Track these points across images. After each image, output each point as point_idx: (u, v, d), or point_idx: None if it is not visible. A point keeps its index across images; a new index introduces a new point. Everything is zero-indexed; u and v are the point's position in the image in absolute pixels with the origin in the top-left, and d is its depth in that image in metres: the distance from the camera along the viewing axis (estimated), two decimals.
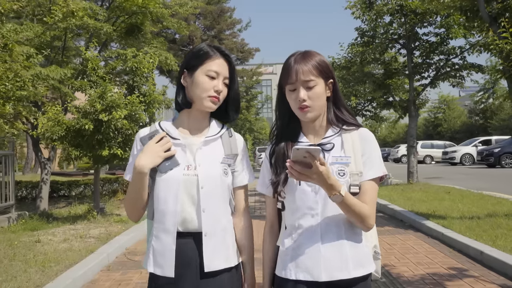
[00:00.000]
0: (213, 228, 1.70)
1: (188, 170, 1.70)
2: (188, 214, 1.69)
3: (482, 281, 4.72)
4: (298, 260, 1.63)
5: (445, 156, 30.62)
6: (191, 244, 1.69)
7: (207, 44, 1.80)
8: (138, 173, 1.65)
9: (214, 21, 24.84)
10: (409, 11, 11.61)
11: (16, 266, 5.09)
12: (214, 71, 1.71)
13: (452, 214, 7.83)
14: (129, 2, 9.89)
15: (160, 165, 1.69)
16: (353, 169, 1.62)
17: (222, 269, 1.71)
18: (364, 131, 1.70)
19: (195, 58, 1.74)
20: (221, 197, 1.75)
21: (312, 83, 1.62)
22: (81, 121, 7.25)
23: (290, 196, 1.67)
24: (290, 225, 1.70)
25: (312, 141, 1.71)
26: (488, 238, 5.95)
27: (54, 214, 9.16)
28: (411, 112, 12.67)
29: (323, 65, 1.65)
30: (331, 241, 1.60)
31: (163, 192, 1.69)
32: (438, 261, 5.53)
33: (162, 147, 1.68)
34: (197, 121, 1.79)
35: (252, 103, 36.13)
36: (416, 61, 12.82)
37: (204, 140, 1.76)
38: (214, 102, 1.72)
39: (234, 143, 1.83)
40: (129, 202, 1.75)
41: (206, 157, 1.74)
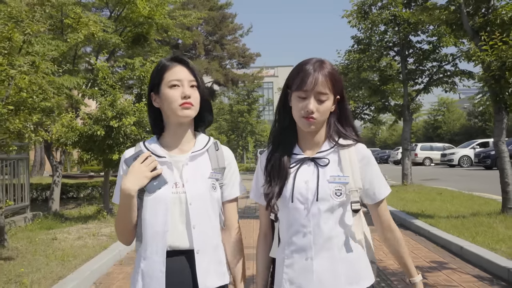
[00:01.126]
0: (205, 245, 1.68)
1: (176, 188, 1.67)
2: (179, 233, 1.65)
3: (459, 272, 5.24)
4: (291, 277, 1.63)
5: (444, 158, 31.01)
6: (183, 263, 1.66)
7: (164, 58, 1.79)
8: (125, 196, 1.62)
9: (216, 26, 25.43)
10: (402, 20, 12.16)
11: (39, 260, 5.63)
12: (176, 80, 1.68)
13: (440, 214, 8.35)
14: (135, 13, 10.45)
15: (148, 185, 1.66)
16: (352, 186, 1.60)
17: (217, 287, 1.69)
18: (361, 148, 1.67)
19: (155, 76, 1.73)
20: (211, 213, 1.72)
21: (324, 97, 1.58)
22: (93, 127, 7.80)
23: (283, 212, 1.66)
24: (283, 240, 1.69)
25: (306, 154, 1.68)
26: (469, 235, 6.47)
27: (65, 215, 9.69)
28: (405, 116, 13.20)
29: (338, 80, 1.62)
30: (323, 258, 1.59)
31: (150, 213, 1.66)
32: (422, 256, 6.05)
33: (147, 167, 1.65)
34: (180, 136, 1.76)
35: (254, 106, 36.70)
36: (410, 68, 13.36)
37: (190, 156, 1.73)
38: (187, 108, 1.68)
39: (221, 156, 1.80)
40: (119, 225, 1.71)
41: (193, 173, 1.71)
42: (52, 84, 5.86)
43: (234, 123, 36.60)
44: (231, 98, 37.87)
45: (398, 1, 12.15)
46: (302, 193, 1.60)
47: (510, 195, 7.42)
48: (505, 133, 7.50)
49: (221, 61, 26.61)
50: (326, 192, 1.58)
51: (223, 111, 38.29)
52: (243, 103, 35.89)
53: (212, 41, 25.71)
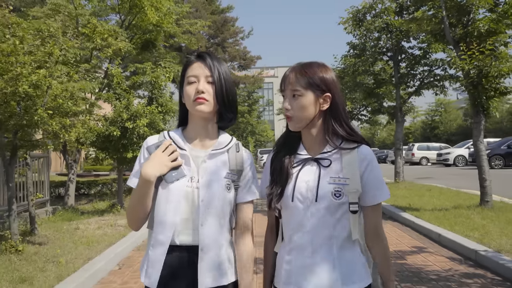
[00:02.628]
0: (210, 243, 1.66)
1: (191, 183, 1.68)
2: (186, 228, 1.66)
3: (435, 255, 6.03)
4: (290, 274, 1.66)
5: (440, 157, 31.64)
6: (186, 258, 1.66)
7: (187, 56, 1.99)
8: (144, 181, 1.62)
9: (218, 30, 26.18)
10: (394, 28, 12.94)
11: (68, 245, 6.41)
12: (192, 76, 1.71)
13: (426, 207, 9.14)
14: (145, 22, 11.23)
15: (166, 174, 1.66)
16: (351, 188, 1.61)
17: (217, 286, 1.67)
18: (364, 150, 1.68)
19: (181, 74, 1.78)
20: (221, 212, 1.70)
21: (297, 93, 1.62)
22: (110, 128, 8.58)
23: (285, 210, 1.69)
24: (285, 237, 1.73)
25: (310, 154, 1.70)
26: (447, 224, 7.25)
27: (80, 209, 10.47)
28: (397, 117, 13.98)
29: (314, 77, 1.63)
30: (321, 257, 1.62)
31: (163, 203, 1.67)
32: (405, 242, 6.84)
33: (169, 156, 1.67)
34: (201, 131, 1.77)
35: (254, 107, 37.47)
36: (402, 72, 14.14)
37: (210, 153, 1.73)
38: (201, 103, 1.68)
39: (241, 158, 1.79)
40: (131, 209, 1.72)
41: (209, 171, 1.71)
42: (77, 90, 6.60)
43: (235, 123, 37.37)
44: None
45: (391, 10, 12.96)
46: (302, 193, 1.63)
47: (487, 189, 8.20)
48: (482, 133, 8.29)
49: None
50: (325, 193, 1.60)
51: None
52: (244, 104, 36.68)
53: (214, 44, 26.52)
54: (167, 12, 11.03)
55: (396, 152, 14.17)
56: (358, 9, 13.42)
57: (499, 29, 7.64)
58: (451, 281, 4.86)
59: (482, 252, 5.56)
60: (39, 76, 4.76)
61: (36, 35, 5.49)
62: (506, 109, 41.47)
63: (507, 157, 25.04)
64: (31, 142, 5.69)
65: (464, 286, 4.67)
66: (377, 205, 1.69)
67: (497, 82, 7.65)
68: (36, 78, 4.72)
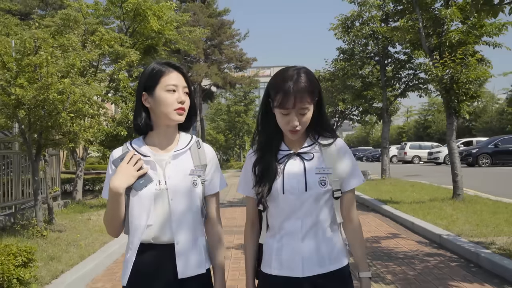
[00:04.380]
0: (185, 237, 1.77)
1: (159, 185, 1.77)
2: (161, 227, 1.75)
3: (406, 239, 6.91)
4: (281, 259, 1.78)
5: (430, 156, 32.48)
6: (165, 254, 1.76)
7: (157, 62, 1.86)
8: (114, 193, 1.71)
9: (215, 32, 27.02)
10: (380, 34, 13.83)
11: (84, 232, 7.25)
12: (173, 85, 1.77)
13: (405, 200, 10.02)
14: (147, 29, 12.06)
15: (135, 183, 1.75)
16: (334, 177, 1.78)
17: (194, 275, 1.79)
18: (339, 143, 1.84)
19: (150, 78, 1.79)
20: (191, 207, 1.80)
21: (306, 110, 1.72)
22: (118, 128, 9.42)
23: (274, 202, 1.80)
24: (273, 226, 1.83)
25: (292, 149, 1.83)
26: (421, 214, 8.13)
27: (87, 203, 11.29)
28: (384, 118, 14.87)
29: (315, 90, 1.75)
30: (310, 241, 1.76)
31: (136, 208, 1.76)
32: (382, 230, 7.72)
33: (134, 166, 1.75)
34: (167, 136, 1.85)
35: (250, 107, 38.29)
36: (389, 75, 15.04)
37: (173, 154, 1.82)
38: (180, 114, 1.79)
39: (203, 154, 1.89)
40: (107, 220, 1.82)
41: (175, 171, 1.80)
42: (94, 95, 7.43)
43: (232, 123, 38.06)
44: (228, 99, 39.41)
45: (377, 18, 13.85)
46: (292, 185, 1.75)
47: (458, 184, 9.10)
48: (455, 133, 9.17)
49: (219, 65, 28.24)
50: (313, 182, 1.75)
51: (221, 112, 39.81)
52: (240, 103, 37.47)
53: (211, 46, 27.34)
54: (168, 20, 11.87)
55: (383, 151, 15.06)
56: (346, 16, 14.33)
57: (468, 40, 8.52)
58: (415, 259, 5.74)
59: (445, 236, 6.44)
60: (65, 84, 5.60)
61: (57, 48, 6.32)
62: (496, 109, 42.52)
63: (494, 155, 25.68)
64: (53, 141, 6.53)
65: (425, 262, 5.55)
66: (351, 190, 1.85)
67: (467, 87, 8.53)
68: (62, 86, 5.56)
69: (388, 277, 4.99)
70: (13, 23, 12.24)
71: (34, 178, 6.38)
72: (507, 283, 4.64)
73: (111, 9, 11.94)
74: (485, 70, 8.73)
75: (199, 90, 29.95)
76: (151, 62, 1.91)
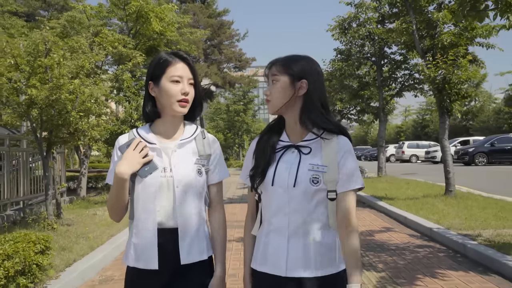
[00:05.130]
0: (188, 224, 1.81)
1: (164, 173, 1.80)
2: (165, 213, 1.79)
3: (399, 233, 7.25)
4: (267, 255, 1.74)
5: (428, 155, 32.79)
6: (168, 239, 1.79)
7: (165, 52, 1.89)
8: (119, 179, 1.75)
9: (214, 33, 27.35)
10: (376, 35, 14.17)
11: (91, 226, 7.58)
12: (178, 76, 1.79)
13: (400, 197, 10.37)
14: (149, 30, 12.39)
15: (140, 170, 1.78)
16: (329, 177, 1.67)
17: (196, 261, 1.82)
18: (342, 141, 1.74)
19: (157, 68, 1.82)
20: (195, 196, 1.85)
21: (274, 78, 1.72)
22: (122, 127, 9.76)
23: (265, 194, 1.77)
24: (264, 221, 1.80)
25: (292, 141, 1.77)
26: (414, 210, 8.47)
27: (92, 200, 11.62)
28: (380, 117, 15.23)
29: (291, 64, 1.72)
30: (298, 239, 1.68)
31: (142, 194, 1.79)
32: (377, 224, 8.06)
33: (140, 153, 1.78)
34: (173, 125, 1.88)
35: (249, 106, 38.63)
36: (385, 75, 15.39)
37: (179, 143, 1.86)
38: (183, 106, 1.81)
39: (208, 144, 1.93)
40: (111, 204, 1.84)
41: (180, 159, 1.83)
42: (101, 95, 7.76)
43: (231, 122, 38.39)
44: (227, 98, 39.75)
45: (373, 20, 14.20)
46: (282, 178, 1.70)
47: (450, 180, 9.45)
48: (447, 132, 9.51)
49: (219, 64, 28.60)
50: (303, 179, 1.67)
51: (220, 111, 40.12)
52: (239, 103, 37.81)
53: (210, 46, 27.66)
54: (170, 22, 12.20)
55: (379, 149, 15.42)
56: (343, 18, 14.68)
57: (460, 42, 8.86)
58: (406, 250, 6.09)
59: (435, 229, 6.78)
60: (75, 85, 5.93)
61: (67, 50, 6.64)
62: (493, 108, 42.90)
63: (490, 154, 26.00)
64: (62, 139, 6.86)
65: (415, 253, 5.89)
66: (348, 193, 1.69)
67: (458, 88, 8.88)
68: (72, 87, 5.89)
69: (380, 266, 5.33)
70: (20, 24, 12.56)
71: (45, 174, 6.72)
72: (490, 271, 4.98)
73: (114, 11, 12.26)
74: (476, 71, 9.08)
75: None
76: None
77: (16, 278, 3.88)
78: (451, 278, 4.78)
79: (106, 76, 8.21)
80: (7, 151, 7.92)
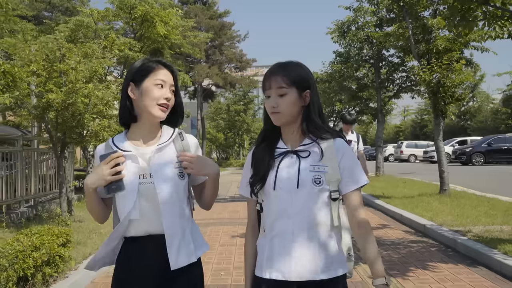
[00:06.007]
0: (174, 229, 1.78)
1: (143, 179, 1.76)
2: (149, 220, 1.75)
3: (394, 229, 7.64)
4: (272, 260, 1.70)
5: (426, 155, 33.10)
6: (156, 246, 1.76)
7: (147, 59, 1.87)
8: (87, 189, 1.76)
9: (215, 34, 27.71)
10: (374, 39, 14.58)
11: None
12: (161, 80, 1.77)
13: (397, 195, 10.76)
14: (154, 34, 12.76)
15: (106, 186, 1.75)
16: (331, 176, 1.69)
17: (185, 265, 1.79)
18: (339, 142, 1.76)
19: (140, 70, 1.80)
20: (179, 199, 1.81)
21: (282, 91, 1.70)
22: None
23: (266, 199, 1.75)
24: (266, 227, 1.77)
25: (289, 147, 1.77)
26: (410, 207, 8.86)
27: None
28: (378, 118, 15.63)
29: (296, 75, 1.73)
30: (302, 243, 1.67)
31: (121, 202, 1.77)
32: (374, 221, 8.45)
33: (110, 170, 1.73)
34: (150, 130, 1.84)
35: (250, 106, 39.02)
36: (383, 77, 15.80)
37: (156, 148, 1.81)
38: (163, 111, 1.78)
39: (187, 145, 1.89)
40: (89, 209, 1.87)
41: (160, 164, 1.79)
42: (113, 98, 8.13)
43: (231, 121, 38.76)
44: (228, 98, 40.15)
45: (371, 23, 14.60)
46: (284, 182, 1.70)
47: (445, 180, 9.84)
48: (441, 133, 9.90)
49: (220, 65, 28.99)
50: (306, 180, 1.67)
51: (221, 111, 40.51)
52: (240, 103, 38.21)
53: (212, 47, 28.04)
54: (174, 25, 12.57)
55: (377, 149, 15.83)
56: (342, 22, 15.10)
57: (454, 47, 9.25)
58: (401, 245, 6.47)
59: (428, 226, 7.17)
60: (89, 89, 6.32)
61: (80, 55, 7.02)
62: (490, 109, 43.32)
63: (487, 154, 26.32)
64: (75, 139, 7.24)
65: (409, 248, 6.28)
66: (353, 193, 1.72)
67: (452, 91, 9.27)
68: (87, 91, 6.28)
69: None
70: (29, 28, 12.93)
71: (59, 173, 7.10)
72: (477, 263, 5.36)
73: (120, 15, 12.64)
74: (469, 75, 9.47)
75: (200, 89, 30.68)
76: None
77: (43, 268, 4.25)
78: (441, 270, 5.16)
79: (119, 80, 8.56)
80: (20, 150, 8.29)
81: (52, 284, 4.44)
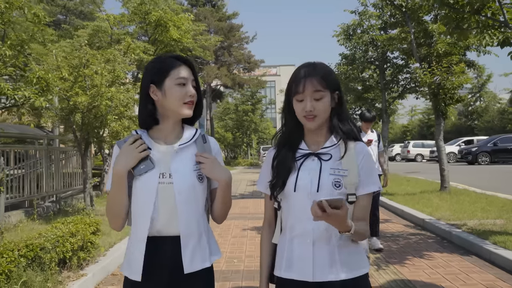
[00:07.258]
0: (190, 232, 1.75)
1: (163, 178, 1.73)
2: (166, 220, 1.72)
3: (395, 223, 8.13)
4: (292, 261, 1.73)
5: (432, 154, 33.24)
6: (170, 247, 1.73)
7: (163, 57, 1.82)
8: (116, 176, 1.71)
9: (224, 36, 28.30)
10: (379, 41, 15.03)
11: None
12: (183, 78, 1.74)
13: (399, 193, 11.22)
14: (167, 37, 13.34)
15: (136, 167, 1.72)
16: (350, 180, 1.70)
17: (199, 270, 1.77)
18: (361, 146, 1.77)
19: (160, 70, 1.75)
20: (197, 202, 1.79)
21: (319, 95, 1.69)
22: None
23: (286, 200, 1.77)
24: (285, 227, 1.80)
25: (311, 149, 1.78)
26: (411, 203, 9.33)
27: None
28: (383, 118, 16.04)
29: (330, 77, 1.73)
30: (322, 244, 1.69)
31: (140, 199, 1.73)
32: None
33: (137, 148, 1.71)
34: (173, 130, 1.81)
35: (257, 106, 39.52)
36: (388, 79, 16.24)
37: (178, 148, 1.78)
38: (190, 108, 1.77)
39: (208, 147, 1.86)
40: (110, 210, 1.78)
41: (180, 165, 1.76)
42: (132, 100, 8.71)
43: (239, 121, 39.21)
44: (236, 98, 40.67)
45: (376, 27, 15.07)
46: (305, 184, 1.71)
47: (445, 178, 10.30)
48: (442, 133, 10.35)
49: (229, 66, 29.58)
50: (326, 184, 1.69)
51: (229, 111, 41.02)
52: (248, 103, 38.69)
53: (221, 48, 28.63)
54: (186, 30, 13.14)
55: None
56: (348, 25, 15.59)
57: (453, 51, 9.71)
58: (400, 237, 6.96)
59: (427, 220, 7.65)
60: (112, 92, 6.89)
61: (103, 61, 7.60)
62: (497, 108, 43.45)
63: (493, 154, 26.46)
64: (98, 139, 7.82)
65: (408, 240, 6.77)
66: (367, 195, 1.74)
67: (452, 92, 9.72)
68: (110, 94, 6.85)
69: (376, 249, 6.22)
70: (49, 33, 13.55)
71: (83, 170, 7.68)
72: (469, 253, 5.85)
73: (135, 20, 13.23)
74: (468, 77, 9.91)
75: (209, 90, 31.25)
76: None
77: (78, 252, 4.81)
78: (435, 258, 5.65)
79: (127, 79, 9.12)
80: (45, 149, 8.89)
81: (85, 267, 4.99)
